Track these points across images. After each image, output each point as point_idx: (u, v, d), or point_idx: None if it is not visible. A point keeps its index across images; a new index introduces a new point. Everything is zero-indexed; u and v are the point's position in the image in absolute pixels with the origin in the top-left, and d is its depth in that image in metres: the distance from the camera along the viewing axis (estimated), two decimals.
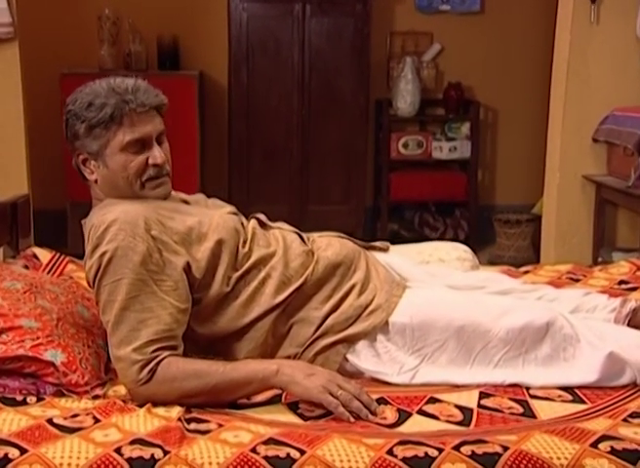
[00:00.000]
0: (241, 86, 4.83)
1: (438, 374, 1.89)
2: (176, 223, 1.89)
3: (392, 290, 1.98)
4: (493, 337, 1.89)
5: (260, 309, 1.91)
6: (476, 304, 1.98)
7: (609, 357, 1.85)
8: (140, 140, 1.89)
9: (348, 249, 2.08)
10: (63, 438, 1.57)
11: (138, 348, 1.73)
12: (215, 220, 1.95)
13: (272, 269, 1.94)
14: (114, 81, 1.90)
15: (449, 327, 1.90)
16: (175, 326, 1.79)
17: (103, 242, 1.80)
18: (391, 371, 1.89)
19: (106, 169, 1.92)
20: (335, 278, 1.99)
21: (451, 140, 5.12)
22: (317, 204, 5.00)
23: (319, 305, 1.95)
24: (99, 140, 1.88)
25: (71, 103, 1.91)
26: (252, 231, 2.01)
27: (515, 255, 4.88)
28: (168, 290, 1.80)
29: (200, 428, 1.65)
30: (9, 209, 2.57)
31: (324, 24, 4.87)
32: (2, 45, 3.51)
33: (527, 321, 1.90)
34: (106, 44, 4.87)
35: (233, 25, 4.78)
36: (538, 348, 1.89)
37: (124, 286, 1.77)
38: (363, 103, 4.95)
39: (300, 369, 1.75)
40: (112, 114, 1.85)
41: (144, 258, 1.78)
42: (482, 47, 5.28)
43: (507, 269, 2.76)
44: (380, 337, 1.92)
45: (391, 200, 5.09)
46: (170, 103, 5.02)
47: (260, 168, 4.94)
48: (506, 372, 1.88)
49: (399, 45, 5.30)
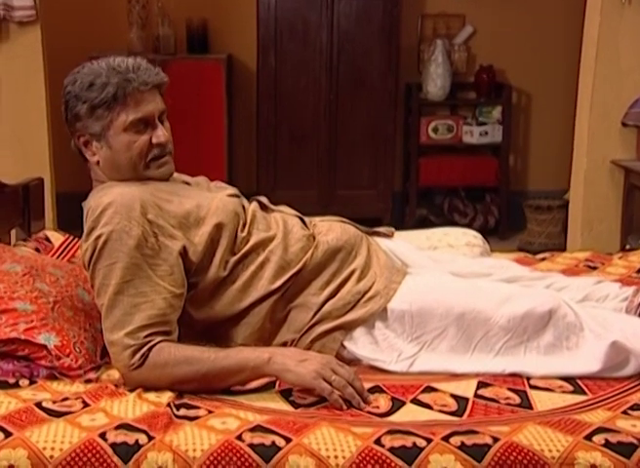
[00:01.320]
0: (269, 69, 4.80)
1: (437, 363, 1.85)
2: (174, 206, 1.88)
3: (392, 276, 1.95)
4: (494, 325, 1.85)
5: (257, 294, 1.88)
6: (477, 291, 1.93)
7: (612, 346, 1.79)
8: (143, 120, 1.87)
9: (350, 234, 2.04)
10: (50, 422, 1.58)
11: (130, 333, 1.73)
12: (214, 204, 1.92)
13: (271, 253, 1.92)
14: (114, 61, 1.88)
15: (449, 314, 1.86)
16: (169, 311, 1.77)
17: (99, 225, 1.79)
18: (389, 359, 1.86)
19: (109, 149, 1.89)
20: (334, 263, 1.96)
21: (482, 125, 5.03)
22: (345, 188, 4.96)
23: (318, 291, 1.92)
24: (101, 121, 1.86)
25: (70, 84, 1.88)
26: (252, 214, 1.98)
27: (546, 242, 4.80)
28: (163, 274, 1.78)
29: (189, 414, 1.64)
30: (21, 191, 2.57)
31: (353, 7, 4.80)
32: (24, 28, 3.53)
33: (529, 308, 1.85)
34: (135, 27, 4.88)
35: (261, 8, 4.74)
36: (540, 336, 1.84)
37: (118, 270, 1.75)
38: (392, 87, 4.89)
39: (292, 356, 1.73)
40: (115, 94, 1.83)
41: (139, 242, 1.77)
42: (515, 29, 5.17)
43: (524, 256, 2.70)
44: (379, 324, 1.88)
45: (420, 185, 5.02)
46: (197, 87, 5.05)
47: (288, 152, 4.91)
48: (507, 361, 1.84)
49: (430, 27, 5.21)
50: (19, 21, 3.51)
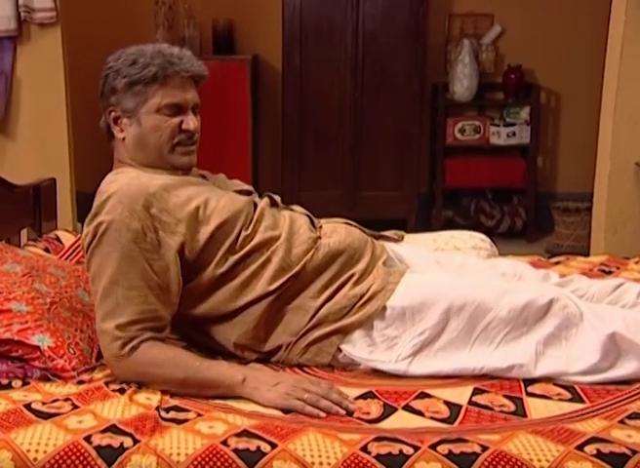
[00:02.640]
0: (294, 70, 4.79)
1: (436, 361, 1.82)
2: (181, 202, 1.86)
3: (389, 277, 1.91)
4: (494, 317, 1.82)
5: (254, 293, 1.87)
6: (477, 284, 1.92)
7: (611, 337, 1.76)
8: (177, 105, 1.90)
9: (354, 237, 2.01)
10: (37, 423, 1.58)
11: (121, 325, 1.73)
12: (222, 201, 1.90)
13: (273, 253, 1.90)
14: (161, 45, 1.93)
15: (450, 307, 1.83)
16: (161, 307, 1.77)
17: (102, 212, 1.79)
18: (388, 359, 1.83)
19: (139, 127, 1.91)
20: (334, 266, 1.93)
21: (509, 126, 4.97)
22: (370, 189, 4.93)
23: (316, 294, 1.90)
24: (137, 97, 1.88)
25: (113, 60, 1.91)
26: (260, 212, 1.96)
27: (574, 245, 4.72)
28: (159, 270, 1.78)
29: (178, 417, 1.63)
30: (32, 191, 2.59)
31: (378, 7, 4.77)
32: (45, 30, 3.55)
33: (530, 299, 1.83)
34: (162, 28, 4.90)
35: (287, 9, 4.73)
36: (540, 327, 1.81)
37: (115, 260, 1.76)
38: (417, 88, 4.85)
39: (264, 380, 1.72)
40: (156, 73, 1.85)
41: (137, 236, 1.77)
42: (544, 28, 5.09)
43: (538, 259, 2.65)
44: (378, 325, 1.86)
45: (446, 186, 4.98)
46: (222, 87, 5.06)
47: (313, 152, 4.90)
48: (507, 353, 1.80)
49: (458, 27, 5.16)
50: (39, 23, 3.54)
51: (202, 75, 1.95)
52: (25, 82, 3.61)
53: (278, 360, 1.90)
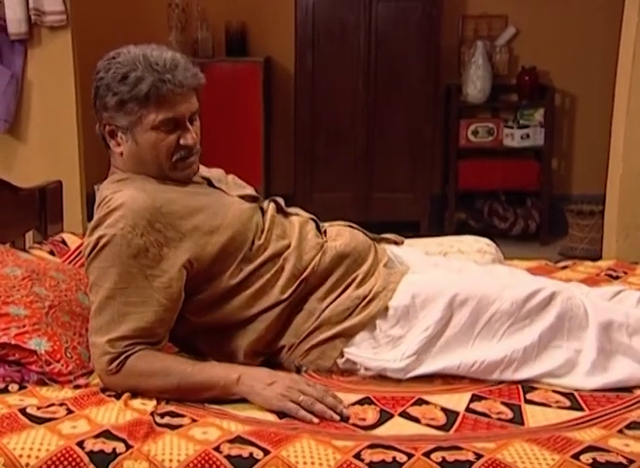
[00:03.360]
0: (306, 72, 4.78)
1: (440, 358, 1.81)
2: (187, 214, 1.82)
3: (390, 277, 1.91)
4: (496, 310, 1.81)
5: (268, 302, 1.86)
6: (478, 279, 1.92)
7: (608, 327, 1.78)
8: (173, 120, 1.81)
9: (358, 241, 2.01)
10: (30, 428, 1.57)
11: (112, 340, 1.72)
12: (230, 213, 1.87)
13: (286, 261, 1.88)
14: (152, 54, 1.80)
15: (452, 301, 1.82)
16: (157, 324, 1.75)
17: (104, 224, 1.77)
18: (393, 358, 1.81)
19: (135, 144, 1.84)
20: (340, 269, 1.92)
21: (523, 128, 4.93)
22: (382, 191, 4.91)
23: (322, 296, 1.89)
24: (130, 116, 1.80)
25: (103, 71, 1.81)
26: (270, 220, 1.94)
27: (588, 248, 4.68)
28: (159, 286, 1.75)
29: (172, 422, 1.63)
30: (37, 194, 2.60)
31: (391, 8, 4.75)
32: (55, 33, 3.56)
33: (532, 291, 1.82)
34: (174, 31, 4.91)
35: (299, 10, 4.72)
36: (543, 318, 1.80)
37: (113, 274, 1.74)
38: (430, 89, 4.83)
39: (260, 378, 1.70)
40: (148, 92, 1.76)
41: (139, 252, 1.73)
42: (559, 29, 5.05)
43: (545, 264, 2.63)
44: (383, 326, 1.85)
45: (459, 189, 4.95)
46: (235, 89, 5.05)
47: (325, 154, 4.89)
48: (509, 345, 1.79)
49: (471, 28, 5.13)
50: (50, 26, 3.55)
51: (198, 85, 1.86)
52: (36, 85, 3.62)
53: (279, 361, 1.89)
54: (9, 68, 3.57)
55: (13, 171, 3.59)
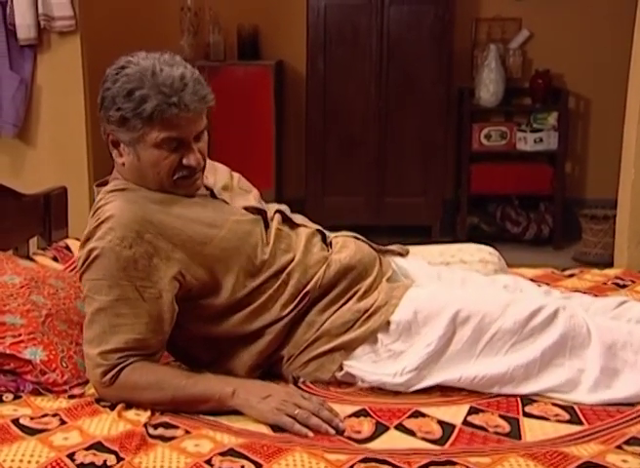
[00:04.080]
0: (318, 75, 4.77)
1: (441, 373, 1.78)
2: (181, 224, 1.78)
3: (392, 291, 1.87)
4: (499, 328, 1.78)
5: (270, 317, 1.83)
6: (481, 295, 1.89)
7: (612, 348, 1.74)
8: (176, 139, 1.76)
9: (363, 253, 1.97)
10: (22, 439, 1.56)
11: (103, 353, 1.70)
12: (228, 225, 1.83)
13: (289, 276, 1.85)
14: (161, 70, 1.71)
15: (455, 318, 1.79)
16: (149, 335, 1.73)
17: (94, 237, 1.75)
18: (394, 372, 1.78)
19: (137, 159, 1.79)
20: (344, 281, 1.89)
21: (536, 131, 4.90)
22: (394, 196, 4.89)
23: (323, 308, 1.86)
24: (132, 133, 1.75)
25: (111, 81, 1.75)
26: (275, 233, 1.90)
27: (602, 253, 4.64)
28: (150, 297, 1.73)
29: (165, 434, 1.61)
30: (42, 200, 2.59)
31: (403, 12, 4.74)
32: (64, 38, 3.58)
33: (535, 309, 1.79)
34: (186, 34, 4.91)
35: (311, 14, 4.72)
36: (546, 336, 1.77)
37: (104, 287, 1.72)
38: (443, 93, 4.80)
39: (255, 392, 1.68)
40: (152, 114, 1.71)
41: (128, 264, 1.71)
42: (573, 32, 5.02)
43: (551, 272, 2.60)
44: (384, 340, 1.82)
45: (472, 193, 4.92)
46: (246, 93, 5.04)
47: (337, 158, 4.87)
48: (512, 360, 1.76)
49: (484, 31, 5.11)
50: (59, 31, 3.56)
51: (205, 109, 1.78)
52: (45, 90, 3.64)
53: (277, 371, 1.87)
54: (18, 73, 3.59)
55: (21, 175, 3.61)
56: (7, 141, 3.73)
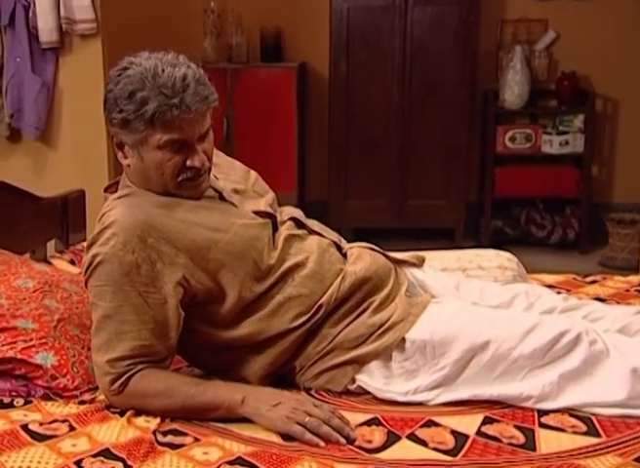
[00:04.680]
0: (340, 77, 4.75)
1: (455, 394, 1.75)
2: (185, 228, 1.75)
3: (410, 308, 1.83)
4: (518, 356, 1.73)
5: (281, 326, 1.80)
6: (502, 320, 1.82)
7: (635, 373, 1.68)
8: (179, 141, 1.73)
9: (379, 264, 1.93)
10: (30, 445, 1.56)
11: (111, 360, 1.69)
12: (234, 229, 1.80)
13: (302, 286, 1.81)
14: (162, 72, 1.68)
15: (472, 343, 1.75)
16: (156, 341, 1.71)
17: (97, 242, 1.73)
18: (405, 390, 1.76)
19: (140, 161, 1.76)
20: (359, 294, 1.85)
21: (562, 134, 4.84)
22: (417, 198, 4.86)
23: (337, 320, 1.83)
24: (134, 135, 1.72)
25: (113, 83, 1.73)
26: (284, 238, 1.87)
27: (629, 258, 4.57)
28: (155, 303, 1.70)
29: (174, 441, 1.60)
30: (59, 203, 2.59)
31: (427, 14, 4.70)
32: (86, 41, 3.58)
33: (555, 335, 1.74)
34: (209, 36, 4.91)
35: (334, 16, 4.69)
36: (565, 361, 1.73)
37: (108, 293, 1.70)
38: (467, 95, 4.76)
39: (265, 399, 1.66)
40: (153, 115, 1.68)
41: (131, 269, 1.69)
42: (601, 33, 4.95)
43: (572, 278, 2.55)
44: (398, 357, 1.78)
45: (496, 196, 4.87)
46: (268, 95, 5.03)
47: (359, 161, 4.84)
48: (528, 384, 1.72)
49: (510, 33, 5.05)
50: (80, 34, 3.57)
51: (208, 109, 1.75)
52: (67, 92, 3.65)
53: (290, 380, 1.85)
54: (40, 76, 3.60)
55: (43, 177, 3.62)
56: (29, 144, 3.75)
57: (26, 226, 2.41)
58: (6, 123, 3.67)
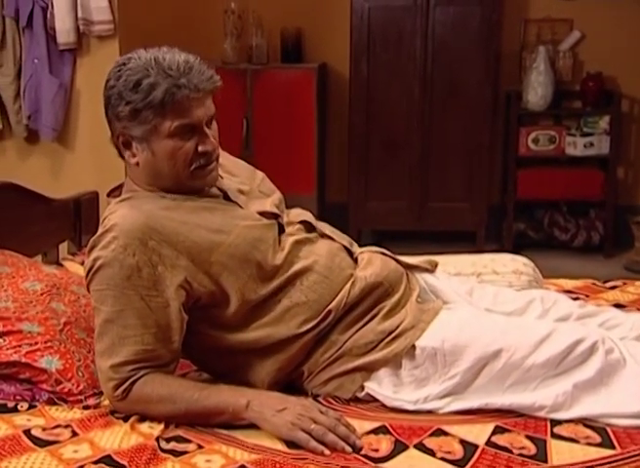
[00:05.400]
0: (361, 78, 4.70)
1: (465, 402, 1.70)
2: (187, 230, 1.72)
3: (421, 315, 1.79)
4: (531, 365, 1.69)
5: (287, 332, 1.76)
6: (515, 328, 1.77)
7: None
8: (189, 126, 1.71)
9: (390, 269, 1.88)
10: (32, 451, 1.54)
11: (115, 366, 1.66)
12: (236, 231, 1.75)
13: (311, 291, 1.78)
14: (163, 58, 1.69)
15: (485, 352, 1.70)
16: (159, 345, 1.68)
17: (98, 246, 1.70)
18: (415, 399, 1.72)
19: (151, 155, 1.73)
20: (369, 300, 1.81)
21: (587, 136, 4.75)
22: (438, 200, 4.80)
23: (346, 326, 1.79)
24: (144, 125, 1.69)
25: (114, 79, 1.71)
26: (293, 241, 1.83)
27: None
28: (157, 306, 1.67)
29: (177, 448, 1.57)
30: (72, 205, 2.58)
31: (449, 13, 4.64)
32: (103, 42, 3.58)
33: (570, 344, 1.69)
34: (229, 37, 4.88)
35: (355, 16, 4.64)
36: (580, 371, 1.68)
37: (109, 298, 1.67)
38: (489, 96, 4.70)
39: (270, 404, 1.62)
40: (163, 99, 1.66)
41: (132, 273, 1.66)
42: (628, 33, 4.86)
43: (592, 283, 2.49)
44: (408, 365, 1.74)
45: (518, 198, 4.80)
46: (288, 96, 5.00)
47: (380, 162, 4.79)
48: (540, 394, 1.67)
49: (534, 33, 4.97)
50: (98, 36, 3.56)
51: (214, 89, 1.74)
52: (84, 94, 3.64)
53: (298, 386, 1.81)
54: (57, 78, 3.60)
55: (60, 178, 3.61)
56: (46, 145, 3.75)
57: (37, 228, 2.40)
58: (23, 124, 3.68)
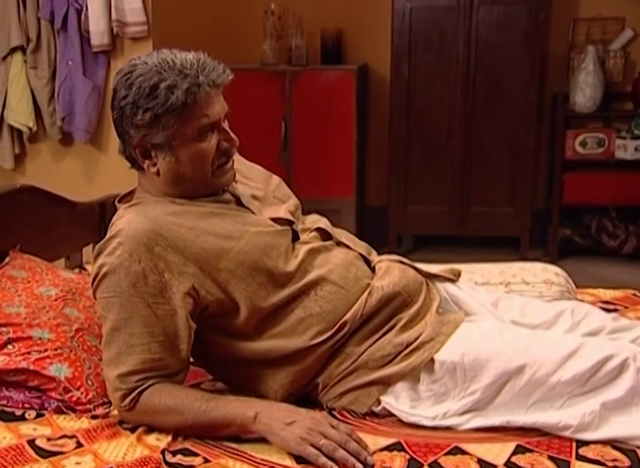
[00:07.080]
0: (402, 80, 4.61)
1: (486, 420, 1.62)
2: (194, 236, 1.66)
3: (441, 327, 1.71)
4: (557, 382, 1.59)
5: (300, 343, 1.69)
6: (540, 342, 1.67)
7: None
8: (210, 125, 1.67)
9: (408, 279, 1.81)
10: (34, 462, 1.51)
11: (122, 375, 1.61)
12: (246, 238, 1.70)
13: (325, 301, 1.72)
14: (173, 59, 1.63)
15: (507, 367, 1.61)
16: (166, 354, 1.62)
17: (104, 252, 1.65)
18: (433, 415, 1.64)
19: (174, 160, 1.67)
20: (386, 310, 1.74)
21: (638, 138, 4.60)
22: (480, 205, 4.68)
23: (362, 338, 1.72)
24: (166, 130, 1.64)
25: (124, 88, 1.64)
26: (307, 249, 1.77)
27: None
28: (164, 314, 1.62)
29: (183, 461, 1.52)
30: (97, 208, 2.55)
31: (493, 13, 4.53)
32: (137, 44, 3.55)
33: (598, 360, 1.59)
34: (269, 38, 4.84)
35: (396, 17, 4.56)
36: (608, 390, 1.58)
37: (116, 305, 1.62)
38: (534, 98, 4.57)
39: (279, 417, 1.55)
40: (185, 100, 1.60)
41: (137, 280, 1.61)
42: None
43: (632, 294, 2.38)
44: (426, 379, 1.67)
45: (565, 203, 4.66)
46: (328, 97, 4.93)
47: (420, 165, 4.70)
48: (566, 413, 1.58)
49: (583, 32, 4.83)
50: (131, 37, 3.54)
51: (228, 80, 1.67)
52: None
53: (313, 399, 1.74)
54: (91, 80, 3.59)
55: (94, 180, 3.60)
56: (80, 147, 3.74)
57: (60, 232, 2.37)
58: (58, 126, 3.68)
